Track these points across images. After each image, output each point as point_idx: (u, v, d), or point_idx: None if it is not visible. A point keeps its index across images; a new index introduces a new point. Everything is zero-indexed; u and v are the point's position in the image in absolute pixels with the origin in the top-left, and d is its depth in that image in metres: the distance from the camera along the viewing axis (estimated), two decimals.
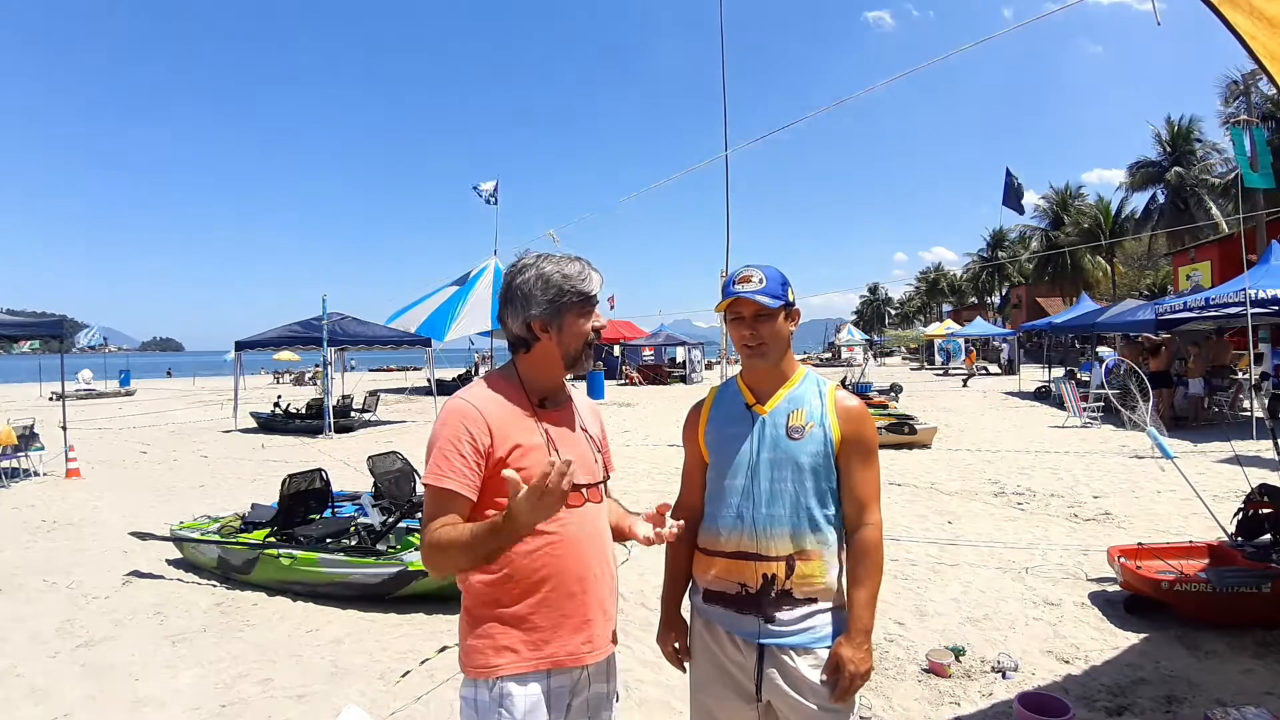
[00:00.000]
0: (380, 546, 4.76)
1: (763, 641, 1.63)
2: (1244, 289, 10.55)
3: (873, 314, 75.10)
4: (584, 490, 1.60)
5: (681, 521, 1.63)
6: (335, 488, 5.90)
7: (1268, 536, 4.37)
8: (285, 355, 32.56)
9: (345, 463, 10.18)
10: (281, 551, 4.84)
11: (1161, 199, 31.66)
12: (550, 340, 1.59)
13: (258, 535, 5.14)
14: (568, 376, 1.66)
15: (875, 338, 58.76)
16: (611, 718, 1.69)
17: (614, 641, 1.66)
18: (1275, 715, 2.81)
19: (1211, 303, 11.45)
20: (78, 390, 26.79)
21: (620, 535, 1.72)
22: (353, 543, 4.88)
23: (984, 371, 31.56)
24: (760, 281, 1.67)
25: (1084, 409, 12.56)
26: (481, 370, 27.39)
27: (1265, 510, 4.38)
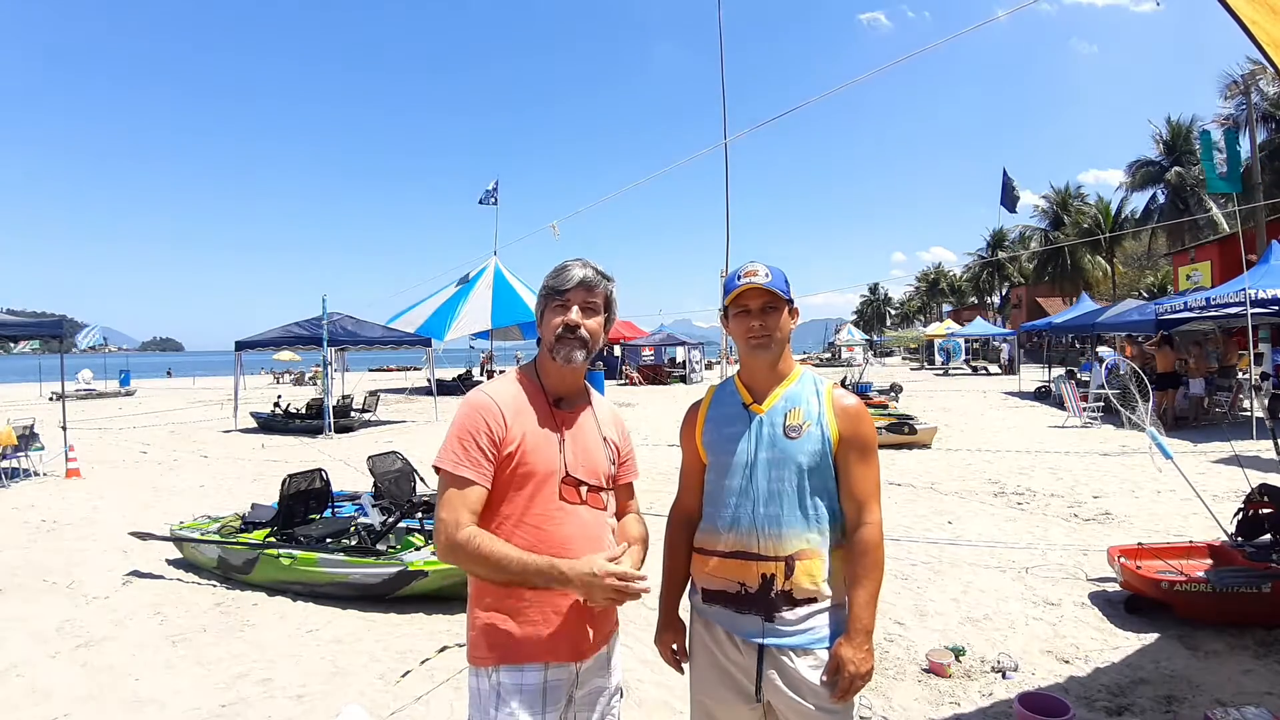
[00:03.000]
0: (380, 546, 4.76)
1: (762, 642, 1.63)
2: (1244, 289, 10.55)
3: (873, 314, 75.09)
4: (583, 490, 1.63)
5: (647, 587, 1.56)
6: (335, 488, 5.91)
7: (1268, 536, 4.37)
8: (285, 355, 32.59)
9: (345, 463, 10.18)
10: (281, 551, 4.84)
11: (1161, 199, 31.67)
12: (541, 334, 1.68)
13: (258, 535, 5.14)
14: (567, 367, 1.66)
15: (875, 338, 58.77)
16: (615, 712, 1.71)
17: (607, 641, 1.67)
18: (1275, 715, 2.81)
19: (1211, 303, 11.46)
20: (78, 390, 26.79)
21: None
22: (353, 543, 4.88)
23: (985, 371, 31.56)
24: (767, 275, 1.69)
25: (1084, 409, 12.56)
26: (487, 369, 27.35)
27: (1265, 510, 4.38)
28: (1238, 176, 12.68)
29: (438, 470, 1.56)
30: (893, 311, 76.50)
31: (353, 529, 5.15)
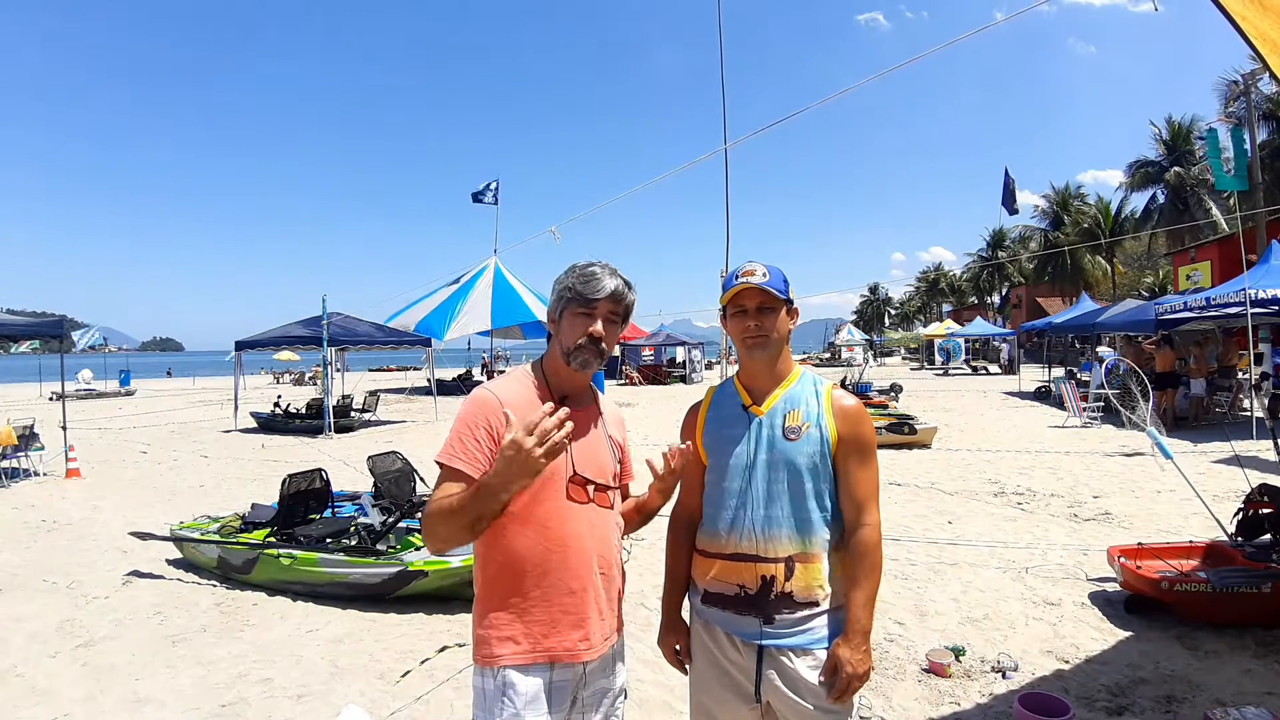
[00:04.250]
0: (380, 546, 4.76)
1: (762, 643, 1.63)
2: (1244, 289, 10.55)
3: (873, 314, 75.02)
4: (590, 489, 1.62)
5: (688, 444, 1.68)
6: (335, 488, 5.91)
7: (1268, 536, 4.37)
8: (285, 355, 32.58)
9: (345, 463, 10.18)
10: (281, 551, 4.85)
11: (1161, 199, 31.65)
12: (555, 333, 1.66)
13: (258, 535, 5.14)
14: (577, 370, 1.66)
15: (875, 338, 58.76)
16: (619, 712, 1.71)
17: (613, 641, 1.67)
18: (1275, 715, 2.81)
19: (1211, 303, 11.46)
20: (78, 390, 26.79)
21: (644, 508, 1.76)
22: (353, 543, 4.88)
23: (985, 371, 31.56)
24: (764, 275, 1.68)
25: (1084, 409, 12.56)
26: (488, 370, 27.32)
27: (1265, 510, 4.38)
28: (1244, 174, 12.68)
29: (438, 465, 1.56)
30: (893, 311, 76.41)
31: (353, 529, 5.15)
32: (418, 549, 4.74)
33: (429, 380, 19.52)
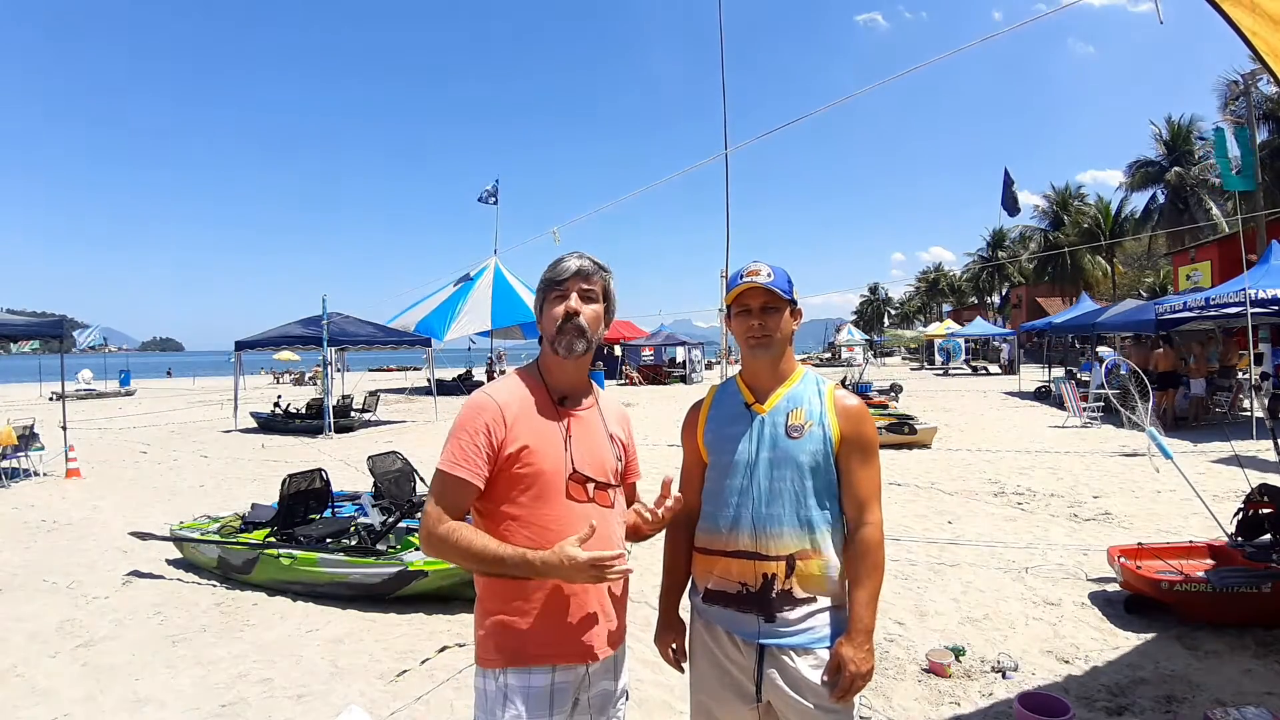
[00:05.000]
0: (380, 546, 4.76)
1: (763, 642, 1.63)
2: (1244, 289, 10.55)
3: (873, 314, 75.01)
4: (590, 487, 1.62)
5: (679, 495, 1.66)
6: (335, 488, 5.91)
7: (1268, 536, 4.37)
8: (285, 355, 32.57)
9: (345, 463, 10.18)
10: (281, 551, 4.85)
11: (1161, 199, 31.66)
12: (542, 329, 1.68)
13: (258, 535, 5.14)
14: (571, 362, 1.66)
15: (875, 338, 58.75)
16: (621, 713, 1.71)
17: (617, 644, 1.66)
18: (1275, 715, 2.81)
19: (1211, 303, 11.46)
20: (78, 390, 26.79)
21: (635, 533, 1.74)
22: (353, 543, 4.88)
23: (985, 371, 31.55)
24: (769, 275, 1.69)
25: (1084, 409, 12.56)
26: (498, 368, 27.31)
27: (1265, 510, 4.38)
28: (1251, 174, 12.68)
29: (437, 471, 1.56)
30: (893, 311, 76.41)
31: (353, 529, 5.15)
32: (417, 549, 4.74)
33: (429, 380, 19.53)
